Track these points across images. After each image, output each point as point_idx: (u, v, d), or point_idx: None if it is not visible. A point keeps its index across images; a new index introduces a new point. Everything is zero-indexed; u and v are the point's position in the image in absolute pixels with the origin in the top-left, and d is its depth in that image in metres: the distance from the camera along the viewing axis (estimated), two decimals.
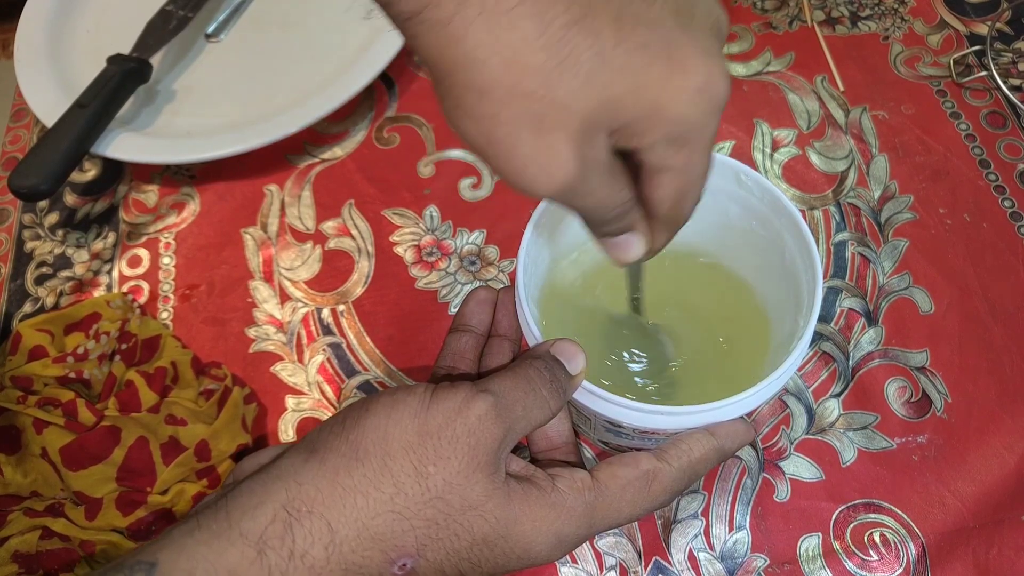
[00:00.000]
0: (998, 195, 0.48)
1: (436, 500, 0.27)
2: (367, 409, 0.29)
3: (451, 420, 0.28)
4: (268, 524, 0.26)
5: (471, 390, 0.29)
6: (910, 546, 0.39)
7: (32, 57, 0.56)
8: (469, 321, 0.37)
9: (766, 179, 0.35)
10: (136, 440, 0.40)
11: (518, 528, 0.28)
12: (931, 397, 0.42)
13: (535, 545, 0.29)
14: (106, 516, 0.39)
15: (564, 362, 0.32)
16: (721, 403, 0.30)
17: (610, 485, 0.30)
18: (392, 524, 0.27)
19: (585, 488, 0.30)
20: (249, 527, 0.26)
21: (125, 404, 0.42)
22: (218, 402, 0.43)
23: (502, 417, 0.29)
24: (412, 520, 0.27)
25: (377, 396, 0.29)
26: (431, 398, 0.28)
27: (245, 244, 0.51)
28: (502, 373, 0.31)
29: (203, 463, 0.41)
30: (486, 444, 0.28)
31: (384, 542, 0.27)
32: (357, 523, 0.26)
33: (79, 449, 0.39)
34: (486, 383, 0.30)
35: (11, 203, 0.54)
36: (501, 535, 0.28)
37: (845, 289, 0.46)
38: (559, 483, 0.30)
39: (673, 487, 0.32)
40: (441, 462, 0.27)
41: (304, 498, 0.26)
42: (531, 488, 0.29)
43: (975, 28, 0.56)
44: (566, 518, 0.29)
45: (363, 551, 0.26)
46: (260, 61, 0.57)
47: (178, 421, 0.41)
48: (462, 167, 0.52)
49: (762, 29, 0.57)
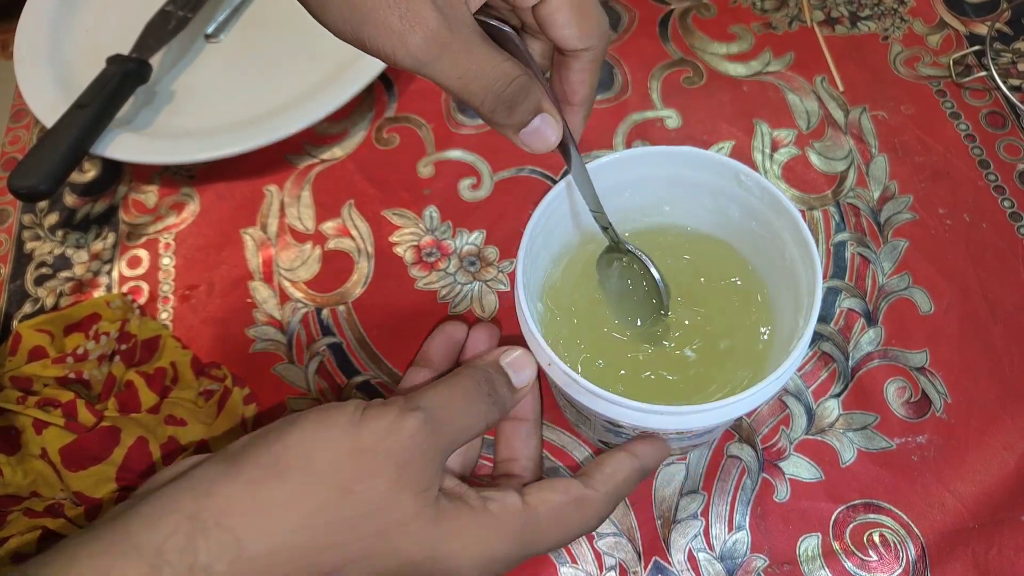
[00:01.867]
0: (998, 195, 0.48)
1: (360, 518, 0.26)
2: (294, 423, 0.28)
3: (381, 439, 0.27)
4: (169, 536, 0.24)
5: (402, 408, 0.28)
6: (910, 546, 0.39)
7: (32, 57, 0.56)
8: (431, 357, 0.37)
9: (766, 179, 0.35)
10: (136, 440, 0.40)
11: (446, 548, 0.28)
12: (931, 397, 0.42)
13: (463, 567, 0.28)
14: None
15: (512, 373, 0.31)
16: (721, 403, 0.30)
17: (540, 510, 0.30)
18: (311, 541, 0.26)
19: (516, 512, 0.29)
20: (147, 539, 0.24)
21: (125, 404, 0.42)
22: (218, 403, 0.43)
23: (435, 435, 0.28)
24: (334, 538, 0.26)
25: (307, 411, 0.28)
26: (361, 416, 0.28)
27: (245, 244, 0.51)
28: (437, 385, 0.30)
29: None
30: (416, 463, 0.27)
31: (301, 560, 0.26)
32: (271, 538, 0.25)
33: (79, 449, 0.39)
34: (419, 398, 0.29)
35: (11, 203, 0.54)
36: (428, 556, 0.27)
37: (845, 289, 0.46)
38: (490, 505, 0.29)
39: (602, 511, 0.32)
40: (368, 480, 0.27)
41: (213, 509, 0.25)
42: (462, 507, 0.28)
43: (975, 28, 0.56)
44: (496, 540, 0.29)
45: (276, 568, 0.25)
46: (260, 61, 0.57)
47: (178, 421, 0.41)
48: (462, 167, 0.52)
49: (762, 29, 0.57)
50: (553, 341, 0.36)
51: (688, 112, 0.53)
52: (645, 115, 0.53)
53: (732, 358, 0.36)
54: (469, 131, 0.54)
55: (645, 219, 0.40)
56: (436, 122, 0.54)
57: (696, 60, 0.56)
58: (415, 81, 0.57)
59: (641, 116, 0.53)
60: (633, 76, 0.55)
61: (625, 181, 0.37)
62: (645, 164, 0.37)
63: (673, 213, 0.39)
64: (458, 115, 0.55)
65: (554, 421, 0.43)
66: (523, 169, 0.52)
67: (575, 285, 0.39)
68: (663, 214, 0.39)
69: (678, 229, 0.40)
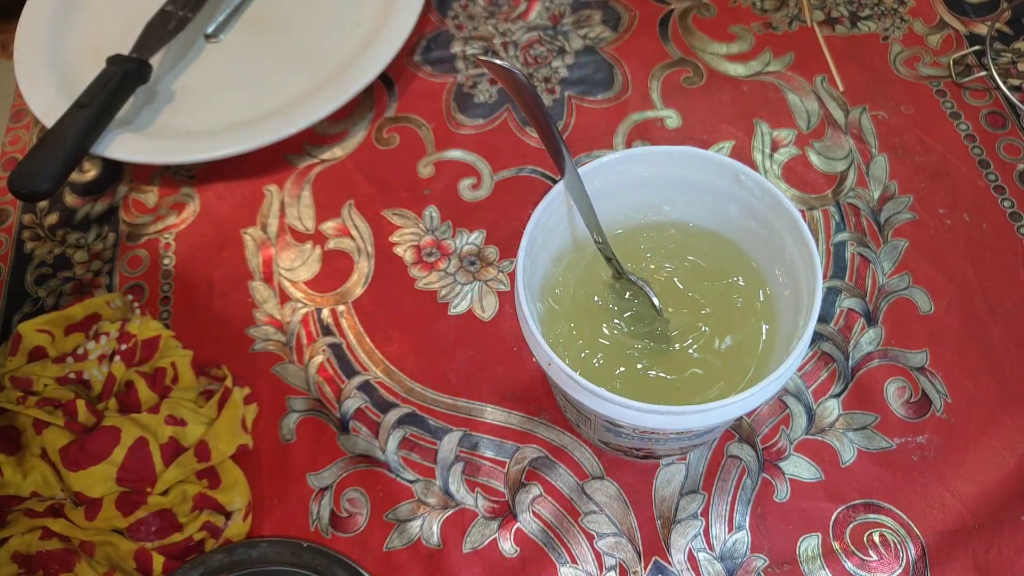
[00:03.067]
0: (998, 195, 0.48)
1: None
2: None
3: None
4: None
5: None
6: (910, 546, 0.39)
7: (32, 57, 0.56)
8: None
9: (766, 179, 0.35)
10: (136, 441, 0.40)
11: None
12: (931, 397, 0.42)
13: None
14: (106, 516, 0.39)
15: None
16: (721, 403, 0.30)
17: None
18: None
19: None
20: None
21: (125, 404, 0.42)
22: (218, 402, 0.43)
23: None
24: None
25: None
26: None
27: (245, 244, 0.51)
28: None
29: (203, 463, 0.41)
30: None
31: None
32: None
33: (79, 449, 0.39)
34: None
35: (11, 203, 0.54)
36: None
37: (845, 289, 0.46)
38: None
39: None
40: None
41: None
42: None
43: (975, 28, 0.56)
44: None
45: None
46: (260, 61, 0.57)
47: (178, 421, 0.41)
48: (462, 167, 0.52)
49: (762, 29, 0.57)
50: (553, 341, 0.36)
51: (688, 112, 0.53)
52: (645, 115, 0.53)
53: (732, 358, 0.36)
54: (469, 131, 0.54)
55: (646, 218, 0.40)
56: (436, 122, 0.54)
57: (696, 60, 0.56)
58: (415, 81, 0.57)
59: (641, 116, 0.53)
60: (633, 76, 0.55)
61: (625, 181, 0.37)
62: (645, 164, 0.37)
63: (673, 213, 0.39)
64: (458, 115, 0.55)
65: (554, 421, 0.43)
66: (523, 169, 0.52)
67: (575, 285, 0.39)
68: (663, 214, 0.39)
69: (679, 225, 0.40)
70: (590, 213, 0.35)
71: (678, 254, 0.39)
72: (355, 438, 0.43)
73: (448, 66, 0.57)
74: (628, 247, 0.38)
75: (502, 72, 0.29)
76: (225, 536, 0.40)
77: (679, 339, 0.37)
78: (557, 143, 0.32)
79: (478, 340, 0.46)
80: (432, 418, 0.44)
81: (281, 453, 0.43)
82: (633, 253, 0.39)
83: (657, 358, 0.37)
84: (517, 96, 0.31)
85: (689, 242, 0.40)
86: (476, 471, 0.42)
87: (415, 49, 0.58)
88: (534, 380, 0.44)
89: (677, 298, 0.38)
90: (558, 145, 0.32)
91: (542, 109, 0.31)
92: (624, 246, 0.38)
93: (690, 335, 0.37)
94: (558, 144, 0.32)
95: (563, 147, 0.32)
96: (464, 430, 0.43)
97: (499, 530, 0.40)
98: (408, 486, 0.42)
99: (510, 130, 0.54)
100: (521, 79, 0.29)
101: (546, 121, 0.31)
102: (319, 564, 0.39)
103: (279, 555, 0.39)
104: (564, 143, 0.32)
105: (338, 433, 0.44)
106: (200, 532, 0.40)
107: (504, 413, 0.43)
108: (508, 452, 0.42)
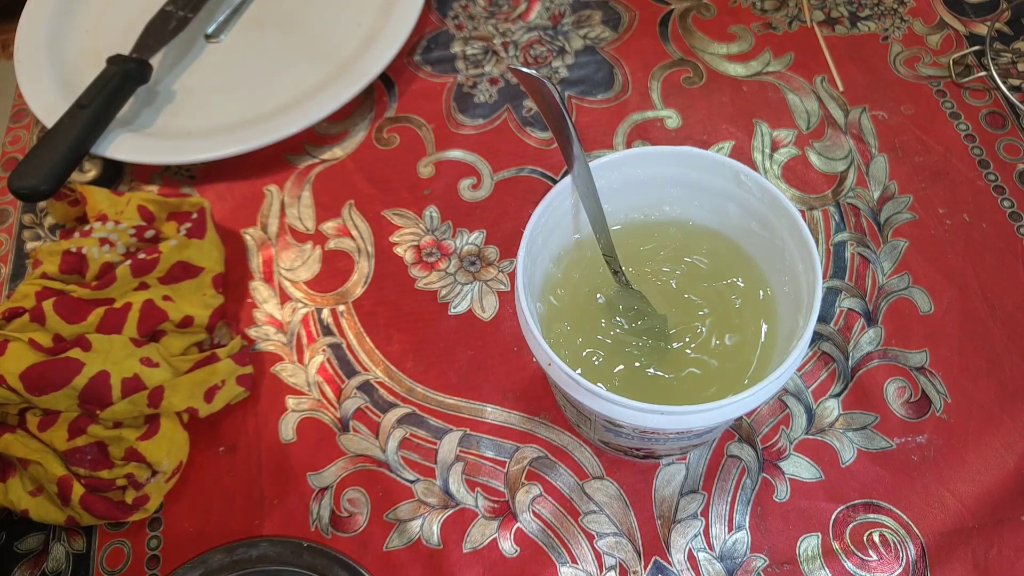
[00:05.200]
0: (998, 195, 0.48)
1: None
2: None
3: None
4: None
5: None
6: (909, 546, 0.39)
7: (32, 57, 0.56)
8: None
9: (766, 179, 0.35)
10: (98, 373, 0.40)
11: None
12: (931, 397, 0.42)
13: None
14: (55, 433, 0.40)
15: None
16: (721, 403, 0.30)
17: None
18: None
19: None
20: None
21: (108, 323, 0.42)
22: (198, 360, 0.43)
23: None
24: None
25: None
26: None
27: (245, 244, 0.51)
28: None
29: (151, 409, 0.41)
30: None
31: None
32: None
33: (39, 376, 0.39)
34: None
35: (11, 203, 0.54)
36: None
37: (845, 289, 0.46)
38: None
39: None
40: None
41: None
42: None
43: (975, 28, 0.56)
44: None
45: None
46: (260, 61, 0.57)
47: (152, 364, 0.42)
48: (462, 167, 0.52)
49: (761, 29, 0.57)
50: (553, 341, 0.36)
51: (688, 112, 0.53)
52: (645, 115, 0.53)
53: (732, 357, 0.36)
54: (469, 131, 0.54)
55: (646, 218, 0.40)
56: (436, 122, 0.54)
57: (696, 60, 0.56)
58: (416, 81, 0.57)
59: (641, 116, 0.53)
60: (633, 76, 0.55)
61: (625, 181, 0.37)
62: (645, 164, 0.37)
63: (673, 212, 0.39)
64: (458, 115, 0.55)
65: (554, 421, 0.43)
66: (523, 169, 0.52)
67: (575, 285, 0.39)
68: (663, 213, 0.40)
69: (679, 224, 0.40)
70: (599, 215, 0.35)
71: (678, 254, 0.39)
72: (355, 438, 0.43)
73: (448, 66, 0.57)
74: (628, 246, 0.38)
75: (534, 82, 0.29)
76: (145, 491, 0.41)
77: (678, 338, 0.37)
78: (572, 148, 0.33)
79: (478, 340, 0.46)
80: (432, 418, 0.44)
81: (281, 453, 0.43)
82: (633, 252, 0.39)
83: (656, 356, 0.37)
84: (543, 104, 0.31)
85: (689, 241, 0.40)
86: (476, 471, 0.42)
87: (415, 49, 0.58)
88: (534, 380, 0.44)
89: (676, 298, 0.38)
90: (573, 150, 0.33)
91: (566, 117, 0.31)
92: (624, 245, 0.38)
93: (688, 334, 0.37)
94: (573, 149, 0.33)
95: (580, 150, 0.33)
96: (464, 430, 0.43)
97: (499, 530, 0.40)
98: (408, 486, 0.42)
99: (510, 130, 0.54)
100: (550, 89, 0.29)
101: (569, 129, 0.32)
102: (319, 564, 0.39)
103: (279, 555, 0.39)
104: (581, 145, 0.33)
105: (338, 433, 0.44)
106: (123, 480, 0.40)
107: (504, 413, 0.43)
108: (508, 452, 0.42)
